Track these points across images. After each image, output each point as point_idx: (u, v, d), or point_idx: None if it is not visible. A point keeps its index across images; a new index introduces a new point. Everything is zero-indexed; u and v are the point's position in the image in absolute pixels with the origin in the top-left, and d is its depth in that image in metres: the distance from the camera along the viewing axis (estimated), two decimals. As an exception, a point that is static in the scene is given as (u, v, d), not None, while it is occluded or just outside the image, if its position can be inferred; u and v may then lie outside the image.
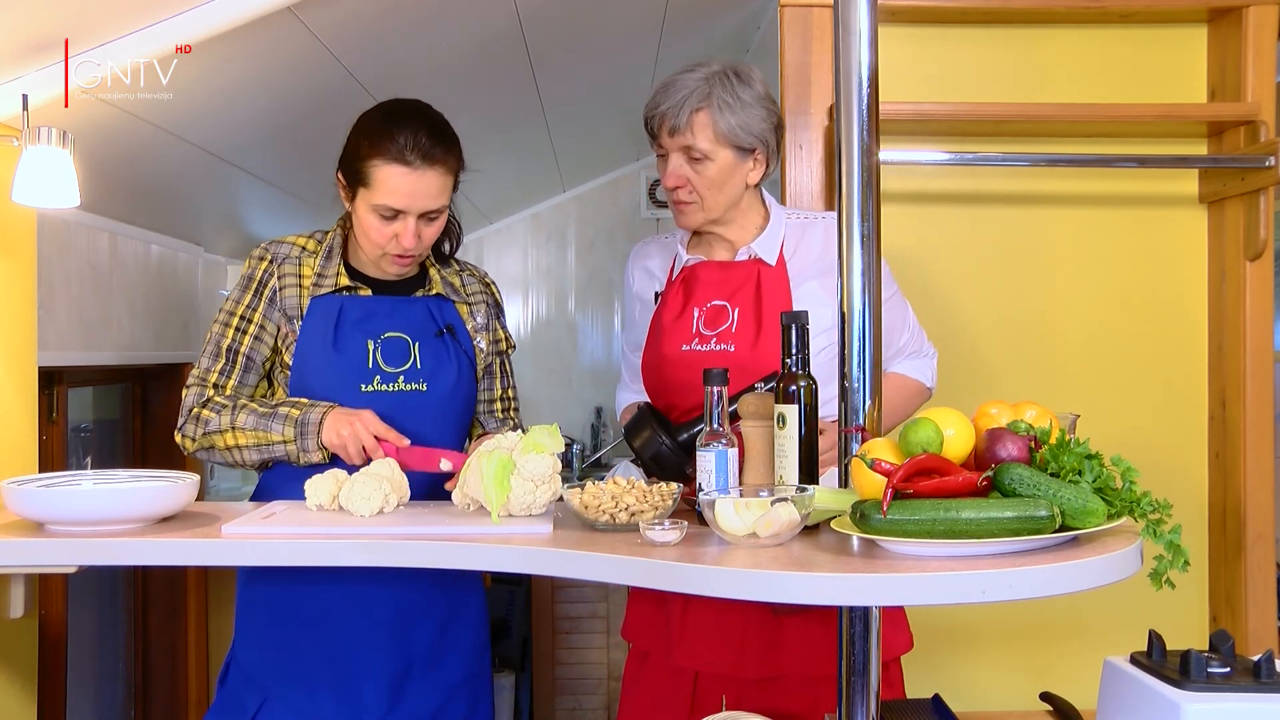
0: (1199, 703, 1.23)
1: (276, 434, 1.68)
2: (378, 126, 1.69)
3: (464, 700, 1.84)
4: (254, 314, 1.77)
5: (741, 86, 1.67)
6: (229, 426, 1.70)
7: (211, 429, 1.70)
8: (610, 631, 3.73)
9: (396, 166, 1.65)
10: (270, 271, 1.78)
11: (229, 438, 1.70)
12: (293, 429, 1.68)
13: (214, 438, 1.71)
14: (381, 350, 1.77)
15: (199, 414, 1.72)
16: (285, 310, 1.77)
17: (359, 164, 1.69)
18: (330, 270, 1.78)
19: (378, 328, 1.78)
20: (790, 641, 1.64)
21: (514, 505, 1.43)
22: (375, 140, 1.67)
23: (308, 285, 1.77)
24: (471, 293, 1.91)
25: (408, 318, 1.80)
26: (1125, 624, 1.93)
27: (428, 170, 1.67)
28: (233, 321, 1.77)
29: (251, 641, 1.78)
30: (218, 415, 1.71)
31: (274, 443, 1.69)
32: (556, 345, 4.54)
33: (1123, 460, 1.21)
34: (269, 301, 1.77)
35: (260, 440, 1.69)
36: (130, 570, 2.69)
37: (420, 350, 1.79)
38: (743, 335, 1.69)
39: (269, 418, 1.69)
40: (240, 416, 1.70)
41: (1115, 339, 2.43)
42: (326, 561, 1.44)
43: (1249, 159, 2.24)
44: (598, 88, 3.24)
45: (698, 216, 1.73)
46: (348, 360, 1.74)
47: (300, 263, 1.79)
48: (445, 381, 1.80)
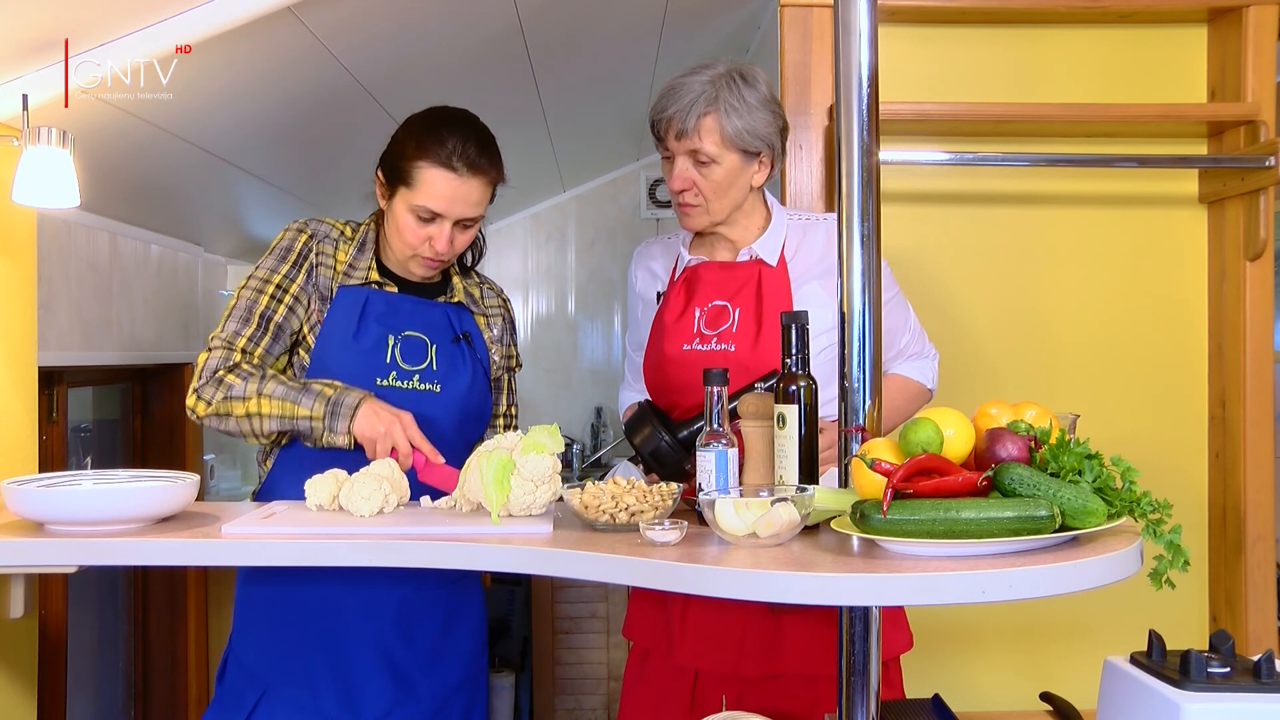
0: (1199, 703, 1.23)
1: (305, 408, 1.65)
2: (428, 130, 1.70)
3: (462, 701, 1.84)
4: (291, 285, 1.75)
5: (748, 89, 1.67)
6: (255, 394, 1.66)
7: (235, 394, 1.66)
8: (610, 631, 3.73)
9: (442, 171, 1.67)
10: (310, 246, 1.77)
11: (252, 404, 1.66)
12: (324, 407, 1.65)
13: (234, 404, 1.66)
14: (401, 347, 1.77)
15: (223, 377, 1.67)
16: (319, 288, 1.76)
17: (404, 164, 1.70)
18: (362, 262, 1.79)
19: (399, 324, 1.78)
20: (790, 641, 1.65)
21: (514, 505, 1.43)
22: (424, 142, 1.68)
23: (340, 270, 1.78)
24: (489, 306, 1.93)
25: (428, 319, 1.81)
26: (1125, 624, 1.93)
27: (471, 179, 1.69)
28: (268, 289, 1.74)
29: (250, 638, 1.78)
30: (244, 382, 1.67)
31: (300, 416, 1.66)
32: (556, 345, 4.54)
33: (1123, 460, 1.21)
34: (307, 275, 1.76)
35: (286, 411, 1.66)
36: (130, 570, 2.69)
37: (437, 353, 1.80)
38: (743, 335, 1.69)
39: (300, 391, 1.66)
40: (269, 385, 1.67)
41: (1115, 339, 2.43)
42: (326, 561, 1.44)
43: (1249, 159, 2.24)
44: (598, 88, 3.24)
45: (703, 219, 1.74)
46: (367, 352, 1.75)
47: (337, 245, 1.79)
48: (459, 386, 1.80)
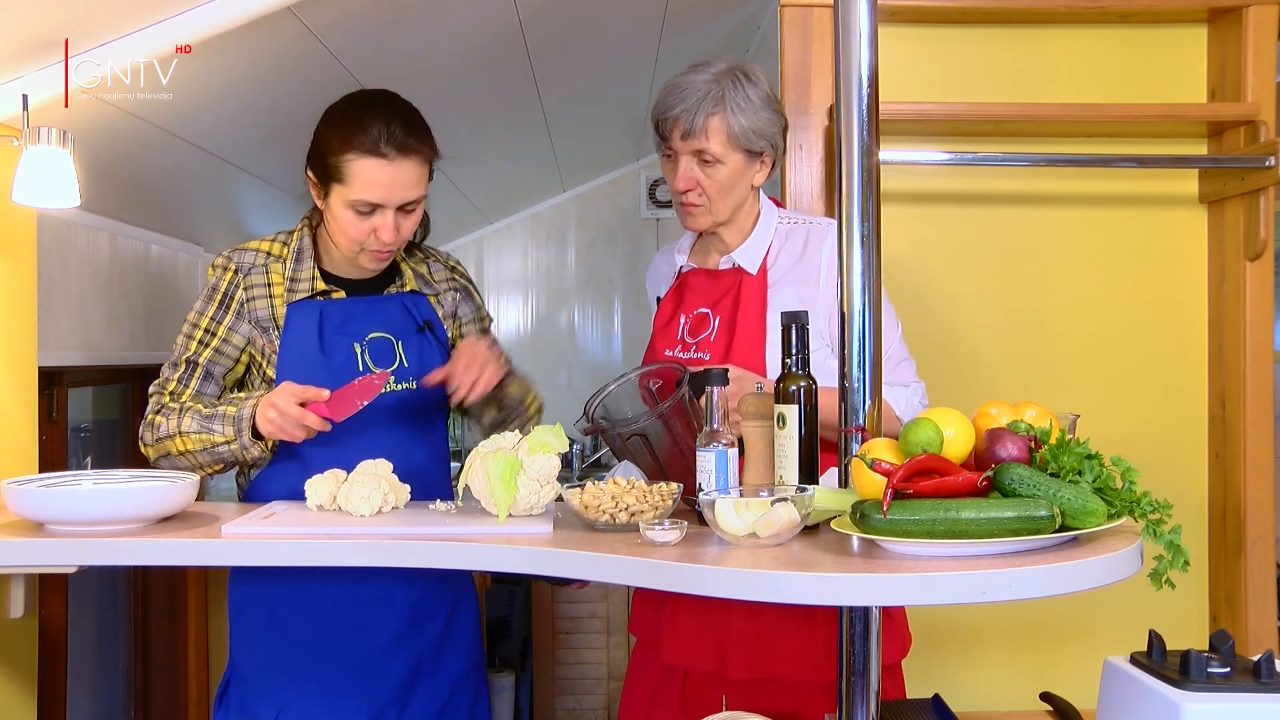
0: (1199, 703, 1.23)
1: (219, 435, 1.62)
2: (348, 119, 1.64)
3: (467, 693, 1.85)
4: (218, 327, 1.72)
5: (751, 88, 1.67)
6: (175, 431, 1.64)
7: (162, 434, 1.66)
8: (610, 631, 3.73)
9: (371, 159, 1.60)
10: (235, 283, 1.73)
11: (178, 443, 1.65)
12: (232, 428, 1.62)
13: (166, 444, 1.66)
14: (369, 351, 1.73)
15: (152, 419, 1.68)
16: (258, 322, 1.72)
17: (331, 159, 1.63)
18: (304, 274, 1.73)
19: (361, 329, 1.74)
20: (774, 645, 1.64)
21: (518, 505, 1.43)
22: (347, 134, 1.62)
23: (280, 293, 1.73)
24: (439, 280, 1.87)
25: (387, 316, 1.77)
26: (1125, 624, 1.93)
27: (404, 161, 1.62)
28: (195, 334, 1.72)
29: (258, 656, 1.75)
30: (166, 420, 1.66)
31: (218, 444, 1.63)
32: (556, 345, 4.54)
33: (1123, 460, 1.22)
34: (235, 315, 1.72)
35: (204, 444, 1.63)
36: (130, 570, 2.69)
37: (404, 349, 1.76)
38: (718, 344, 1.70)
39: (209, 418, 1.63)
40: (185, 420, 1.64)
41: (1115, 339, 2.43)
42: (327, 561, 1.44)
43: (1249, 159, 2.24)
44: (598, 88, 3.24)
45: (705, 219, 1.74)
46: (337, 365, 1.71)
47: (268, 270, 1.74)
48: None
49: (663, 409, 1.47)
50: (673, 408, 1.47)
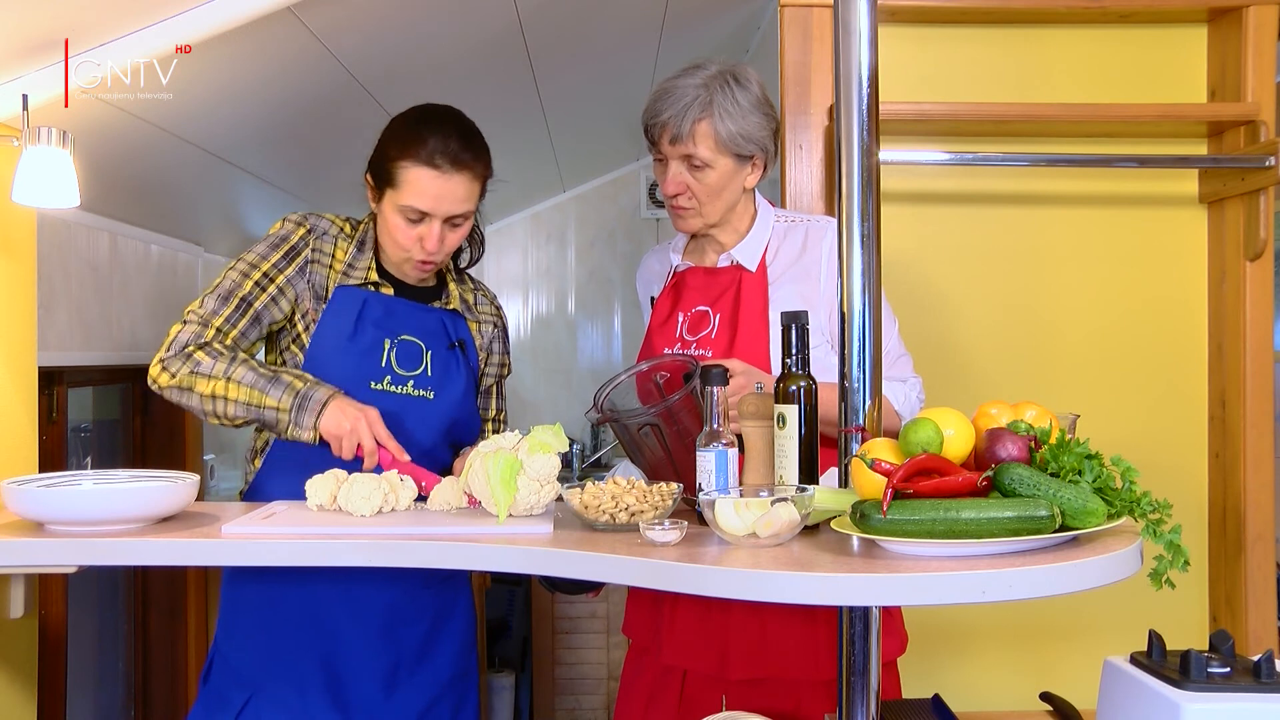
0: (1199, 703, 1.23)
1: (273, 399, 1.62)
2: (409, 129, 1.69)
3: (451, 699, 1.85)
4: (279, 275, 1.73)
5: (740, 92, 1.67)
6: (222, 375, 1.63)
7: (201, 371, 1.63)
8: (610, 631, 3.73)
9: (425, 169, 1.66)
10: (306, 241, 1.75)
11: (219, 386, 1.63)
12: (291, 399, 1.62)
13: (199, 381, 1.63)
14: (396, 351, 1.76)
15: (192, 353, 1.65)
16: (314, 286, 1.75)
17: (388, 165, 1.69)
18: (362, 262, 1.77)
19: (396, 328, 1.77)
20: (774, 645, 1.64)
21: (518, 505, 1.43)
22: (405, 143, 1.67)
23: (338, 268, 1.76)
24: (483, 313, 1.92)
25: (424, 325, 1.80)
26: (1125, 624, 1.93)
27: (455, 175, 1.67)
28: (254, 274, 1.71)
29: (238, 639, 1.78)
30: (213, 361, 1.64)
31: (267, 406, 1.62)
32: (556, 345, 4.54)
33: (1123, 460, 1.22)
34: (298, 270, 1.74)
35: (253, 400, 1.63)
36: (130, 570, 2.69)
37: (432, 359, 1.79)
38: (720, 341, 1.70)
39: (269, 380, 1.63)
40: (238, 370, 1.63)
41: (1115, 339, 2.43)
42: (327, 561, 1.44)
43: (1249, 159, 2.24)
44: (598, 88, 3.24)
45: (696, 222, 1.74)
46: (362, 355, 1.74)
47: (335, 243, 1.77)
48: (453, 393, 1.80)
49: (675, 398, 1.47)
50: (684, 399, 1.47)
